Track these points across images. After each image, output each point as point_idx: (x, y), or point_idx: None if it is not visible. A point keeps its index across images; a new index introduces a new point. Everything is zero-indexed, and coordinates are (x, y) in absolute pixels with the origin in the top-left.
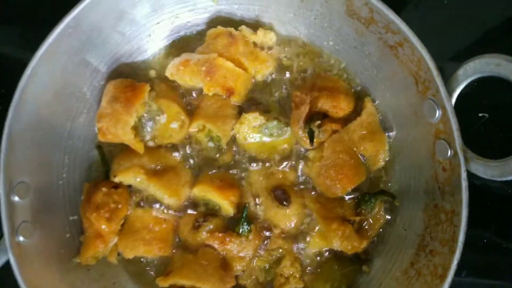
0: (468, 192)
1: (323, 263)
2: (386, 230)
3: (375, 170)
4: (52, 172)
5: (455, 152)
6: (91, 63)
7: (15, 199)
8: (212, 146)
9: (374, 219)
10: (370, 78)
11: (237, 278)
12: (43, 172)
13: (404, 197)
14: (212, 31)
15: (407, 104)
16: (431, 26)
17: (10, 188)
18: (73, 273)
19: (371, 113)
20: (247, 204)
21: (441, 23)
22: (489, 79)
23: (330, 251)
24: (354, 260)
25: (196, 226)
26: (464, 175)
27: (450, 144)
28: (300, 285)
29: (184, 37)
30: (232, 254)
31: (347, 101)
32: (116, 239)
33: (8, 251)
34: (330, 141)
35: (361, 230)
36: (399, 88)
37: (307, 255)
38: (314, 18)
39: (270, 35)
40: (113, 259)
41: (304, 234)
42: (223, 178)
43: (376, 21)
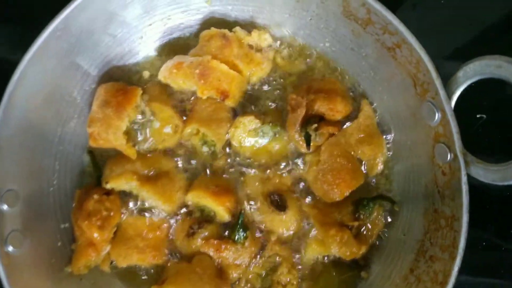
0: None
1: (321, 270)
2: (385, 236)
3: (373, 174)
4: (42, 179)
5: (455, 156)
6: (82, 66)
7: (4, 208)
8: (207, 151)
9: (373, 224)
10: (367, 80)
11: (233, 286)
12: (33, 179)
13: (403, 202)
14: (206, 33)
15: (406, 107)
16: (429, 26)
17: None
18: (65, 283)
19: (369, 116)
20: (243, 211)
21: (439, 23)
22: (487, 80)
23: (328, 257)
24: (353, 266)
25: (191, 233)
26: (465, 179)
27: (450, 148)
28: None
29: (177, 39)
30: (228, 262)
31: (344, 104)
32: (109, 247)
33: None
34: (327, 145)
35: (360, 236)
36: (397, 90)
37: (305, 262)
38: (310, 19)
39: (265, 36)
40: (106, 268)
41: (302, 240)
42: (218, 184)
43: (374, 22)
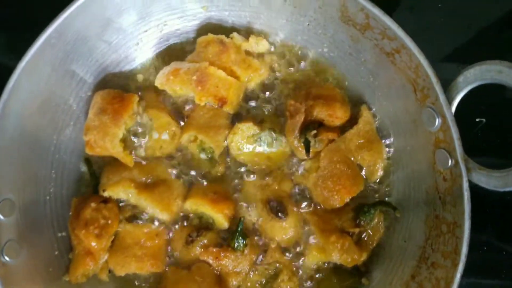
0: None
1: (322, 277)
2: (386, 242)
3: (373, 180)
4: (39, 188)
5: (456, 162)
6: (77, 74)
7: (0, 217)
8: (205, 158)
9: (374, 231)
10: (367, 86)
11: None
12: (29, 188)
13: (404, 208)
14: (203, 39)
15: (405, 112)
16: (426, 29)
17: None
18: None
19: (368, 122)
20: (242, 218)
21: (436, 26)
22: (486, 83)
23: (329, 264)
24: (354, 273)
25: (190, 241)
26: (466, 186)
27: (451, 154)
28: None
29: (174, 45)
30: (228, 270)
31: (343, 110)
32: (107, 256)
33: None
34: (327, 151)
35: (361, 242)
36: (397, 96)
37: (305, 269)
38: (308, 24)
39: (262, 42)
40: (104, 277)
41: (302, 247)
42: (217, 191)
43: (372, 27)
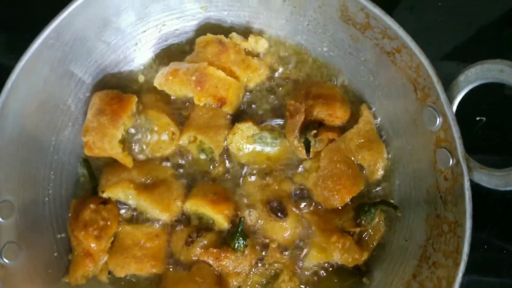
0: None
1: (323, 277)
2: (387, 241)
3: (374, 180)
4: (37, 189)
5: (457, 161)
6: (76, 74)
7: None
8: (205, 158)
9: (374, 230)
10: (367, 85)
11: None
12: (28, 189)
13: (405, 207)
14: (202, 39)
15: (406, 112)
16: (426, 28)
17: None
18: None
19: (368, 121)
20: (243, 218)
21: (436, 25)
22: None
23: (330, 264)
24: (354, 273)
25: (190, 242)
26: (467, 185)
27: (452, 153)
28: None
29: (172, 46)
30: (228, 270)
31: (343, 109)
32: (106, 257)
33: None
34: (327, 151)
35: (361, 242)
36: (397, 95)
37: (306, 269)
38: (307, 24)
39: (262, 42)
40: (104, 278)
41: (303, 247)
42: (217, 191)
43: (372, 27)
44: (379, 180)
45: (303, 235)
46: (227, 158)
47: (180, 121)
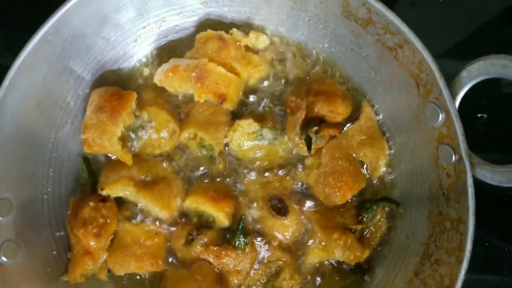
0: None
1: (324, 274)
2: (388, 239)
3: (376, 177)
4: (36, 187)
5: (460, 158)
6: (75, 71)
7: None
8: (205, 155)
9: (376, 227)
10: (368, 81)
11: None
12: (26, 187)
13: (407, 204)
14: (202, 35)
15: (408, 108)
16: (427, 24)
17: None
18: None
19: (370, 118)
20: (244, 216)
21: (437, 20)
22: (487, 78)
23: (331, 262)
24: (356, 270)
25: (190, 240)
26: (470, 182)
27: (455, 149)
28: None
29: (172, 42)
30: (229, 268)
31: (345, 105)
32: (106, 256)
33: None
34: (328, 147)
35: (363, 239)
36: (399, 91)
37: (307, 267)
38: (309, 20)
39: (263, 38)
40: (103, 276)
41: (304, 245)
42: (217, 189)
43: (374, 22)
44: (381, 177)
45: (304, 233)
46: (228, 155)
47: (180, 118)
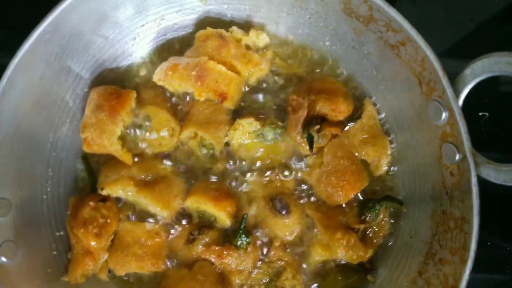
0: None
1: (326, 274)
2: (391, 238)
3: (378, 176)
4: (35, 187)
5: (464, 156)
6: (73, 70)
7: None
8: (205, 154)
9: (379, 227)
10: (370, 79)
11: None
12: (25, 187)
13: (410, 203)
14: (201, 33)
15: (410, 106)
16: (428, 22)
17: None
18: None
19: (372, 116)
20: (246, 215)
21: (438, 19)
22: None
23: (334, 261)
24: (359, 270)
25: (191, 240)
26: (475, 181)
27: (458, 148)
28: None
29: (172, 40)
30: (230, 268)
31: (346, 104)
32: (106, 256)
33: None
34: (330, 146)
35: (366, 238)
36: (401, 89)
37: (309, 266)
38: (309, 17)
39: (263, 36)
40: (104, 277)
41: (306, 245)
42: (218, 188)
43: (376, 19)
44: (384, 176)
45: (307, 232)
46: (228, 154)
47: (180, 117)
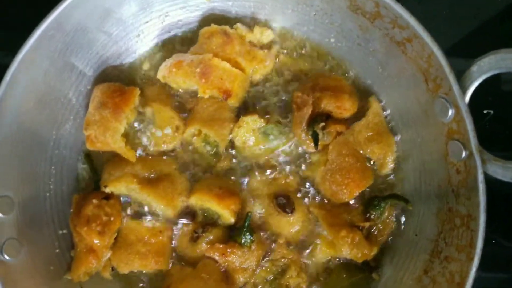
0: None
1: (331, 272)
2: (396, 236)
3: (383, 173)
4: (38, 184)
5: (471, 153)
6: (76, 67)
7: None
8: (209, 152)
9: (384, 224)
10: (376, 76)
11: None
12: (28, 185)
13: (415, 201)
14: (206, 30)
15: (416, 103)
16: (432, 19)
17: None
18: None
19: (377, 113)
20: (250, 213)
21: (442, 16)
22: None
23: (338, 259)
24: (363, 268)
25: (195, 238)
26: (481, 178)
27: (465, 145)
28: None
29: (176, 37)
30: (234, 266)
31: (352, 101)
32: (110, 254)
33: None
34: (335, 144)
35: (370, 236)
36: (407, 86)
37: (314, 264)
38: (314, 14)
39: (267, 33)
40: (107, 275)
41: (310, 242)
42: (222, 186)
43: (382, 16)
44: (389, 174)
45: (311, 230)
46: (233, 152)
47: (184, 115)
